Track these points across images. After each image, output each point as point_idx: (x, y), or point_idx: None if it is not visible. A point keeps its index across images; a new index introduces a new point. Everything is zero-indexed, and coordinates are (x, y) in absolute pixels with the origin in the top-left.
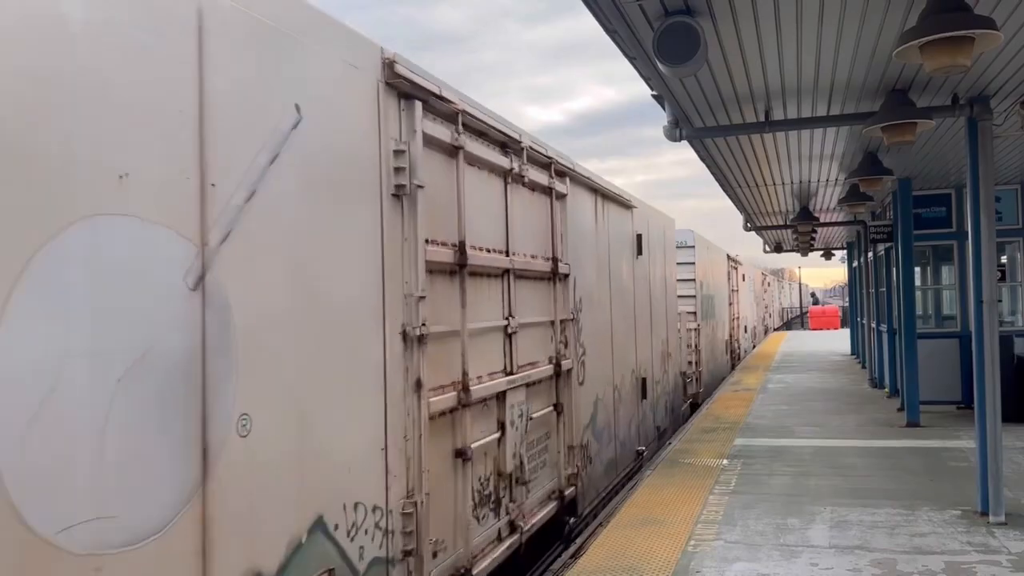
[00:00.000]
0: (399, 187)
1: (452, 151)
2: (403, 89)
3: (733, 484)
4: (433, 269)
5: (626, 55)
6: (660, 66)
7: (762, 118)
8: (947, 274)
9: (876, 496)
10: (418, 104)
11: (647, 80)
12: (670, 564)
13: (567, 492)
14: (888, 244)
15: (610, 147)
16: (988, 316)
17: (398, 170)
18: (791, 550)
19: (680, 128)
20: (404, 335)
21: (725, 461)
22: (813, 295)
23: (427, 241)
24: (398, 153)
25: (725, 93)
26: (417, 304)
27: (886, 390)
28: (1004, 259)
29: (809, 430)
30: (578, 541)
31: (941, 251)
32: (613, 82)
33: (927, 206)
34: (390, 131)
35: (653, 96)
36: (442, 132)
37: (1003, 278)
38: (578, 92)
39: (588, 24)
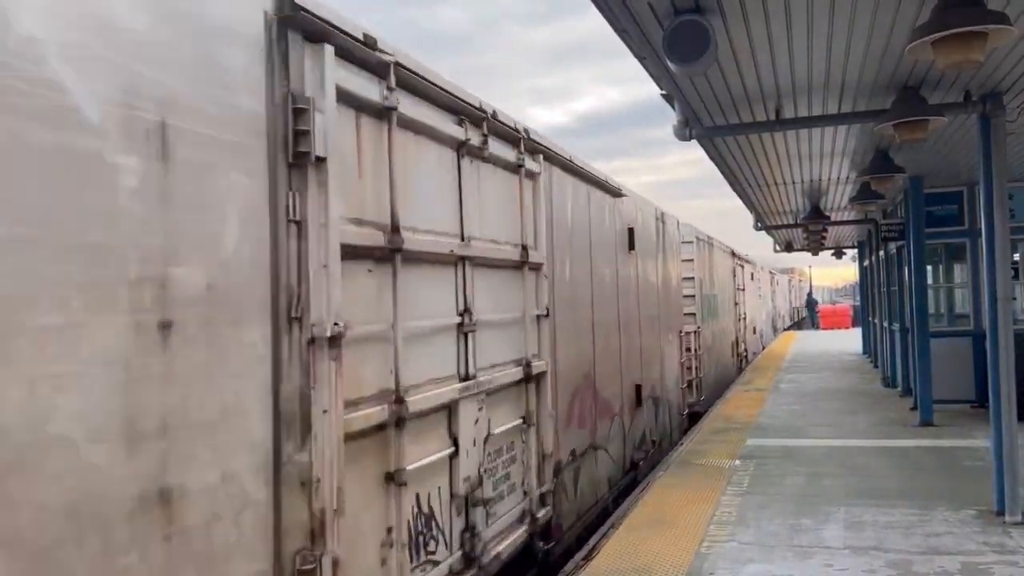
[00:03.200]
0: None
1: None
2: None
3: (746, 485)
4: None
5: (636, 55)
6: (670, 65)
7: (773, 116)
8: (959, 272)
9: (891, 496)
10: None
11: (656, 79)
12: (683, 566)
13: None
14: (900, 242)
15: (614, 148)
16: (1003, 313)
17: None
18: (805, 551)
19: (690, 127)
20: None
21: (737, 462)
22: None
23: None
24: None
25: (735, 91)
26: None
27: (899, 389)
28: (1017, 256)
29: (822, 430)
30: (590, 542)
31: (953, 249)
32: (616, 83)
33: (939, 204)
34: None
35: (662, 95)
36: None
37: (1017, 275)
38: (581, 93)
39: (591, 25)
